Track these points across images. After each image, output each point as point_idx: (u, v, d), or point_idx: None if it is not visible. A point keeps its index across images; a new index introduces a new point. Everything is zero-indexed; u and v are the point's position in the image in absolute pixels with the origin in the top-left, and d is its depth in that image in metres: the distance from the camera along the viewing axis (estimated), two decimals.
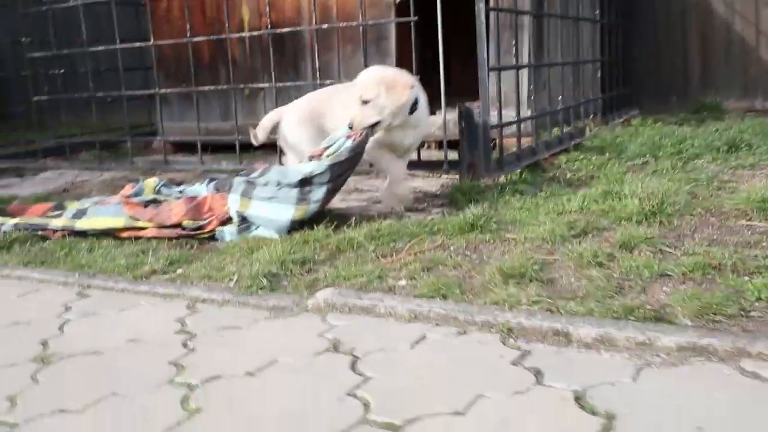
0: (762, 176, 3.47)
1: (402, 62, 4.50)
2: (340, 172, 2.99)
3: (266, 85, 4.82)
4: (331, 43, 5.39)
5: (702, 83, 6.45)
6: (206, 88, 5.09)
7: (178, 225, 3.01)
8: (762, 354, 1.59)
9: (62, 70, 6.34)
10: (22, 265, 2.80)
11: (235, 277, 2.43)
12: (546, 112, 4.42)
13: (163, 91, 5.47)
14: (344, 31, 5.36)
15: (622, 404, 1.43)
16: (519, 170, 3.79)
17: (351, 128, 2.98)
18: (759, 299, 1.99)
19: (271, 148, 4.39)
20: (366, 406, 1.46)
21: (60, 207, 3.42)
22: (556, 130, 4.55)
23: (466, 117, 3.38)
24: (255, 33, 5.08)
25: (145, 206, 3.20)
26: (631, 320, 1.83)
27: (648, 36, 6.60)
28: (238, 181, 3.00)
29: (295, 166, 3.06)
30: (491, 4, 4.17)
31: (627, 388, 1.51)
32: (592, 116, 5.12)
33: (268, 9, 4.56)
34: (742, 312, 1.90)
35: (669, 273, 2.22)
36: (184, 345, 1.89)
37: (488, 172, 3.45)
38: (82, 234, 3.12)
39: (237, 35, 5.21)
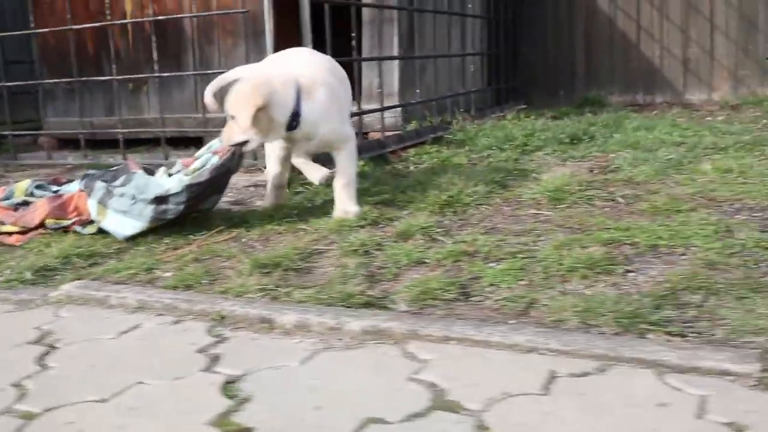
0: (577, 167, 3.58)
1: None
2: (200, 191, 2.74)
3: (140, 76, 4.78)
4: (212, 36, 5.40)
5: (587, 78, 6.60)
6: (90, 79, 5.04)
7: (42, 225, 2.89)
8: (429, 336, 1.65)
9: None
10: None
11: (8, 271, 2.43)
12: (393, 105, 4.48)
13: (46, 81, 5.40)
14: (224, 24, 5.37)
15: (269, 387, 1.47)
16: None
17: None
18: (491, 284, 2.06)
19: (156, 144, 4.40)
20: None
21: None
22: (414, 123, 4.62)
23: None
24: (138, 20, 5.05)
25: (15, 209, 3.00)
26: (342, 307, 1.88)
27: (537, 31, 6.72)
28: (99, 186, 2.80)
29: (157, 179, 2.82)
30: None
31: (288, 372, 1.55)
32: (463, 110, 5.20)
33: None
34: (462, 297, 1.97)
35: (426, 260, 2.29)
36: None
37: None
38: None
39: (119, 22, 5.15)
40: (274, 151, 2.93)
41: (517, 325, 1.69)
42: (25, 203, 3.01)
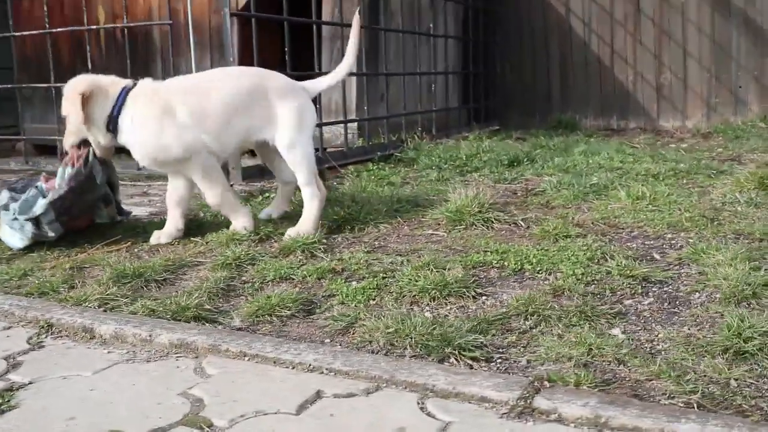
0: (502, 188, 3.56)
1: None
2: (67, 204, 2.67)
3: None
4: (180, 48, 5.47)
5: (562, 101, 6.57)
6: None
7: None
8: (228, 351, 1.65)
9: None
10: None
11: None
12: (335, 122, 4.50)
13: (22, 86, 5.51)
14: (193, 35, 5.44)
15: (45, 396, 1.48)
16: None
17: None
18: (342, 303, 2.06)
19: None
20: None
21: None
22: (361, 141, 4.63)
23: None
24: (110, 26, 5.15)
25: None
26: (169, 320, 1.89)
27: (514, 53, 6.71)
28: (2, 197, 2.80)
29: (40, 199, 2.72)
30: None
31: (74, 382, 1.56)
32: (420, 129, 5.20)
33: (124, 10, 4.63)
34: (301, 314, 1.97)
35: (292, 277, 2.29)
36: None
37: (243, 178, 3.52)
38: None
39: (93, 27, 5.26)
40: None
41: (314, 345, 1.69)
42: None
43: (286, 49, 3.93)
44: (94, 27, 4.95)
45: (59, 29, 5.15)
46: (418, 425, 1.31)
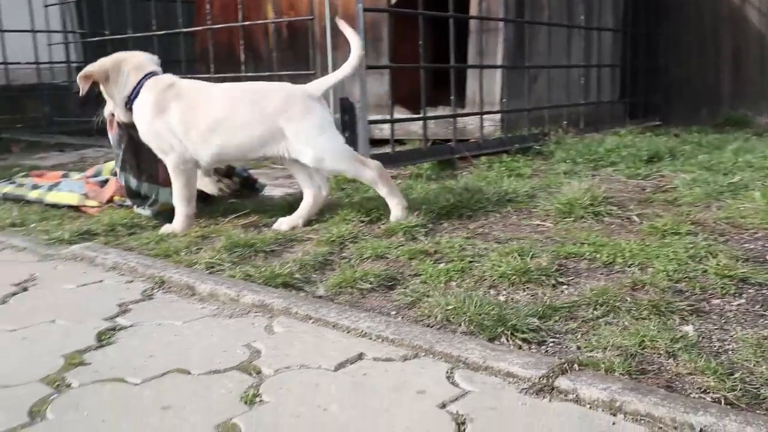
0: (633, 184, 3.45)
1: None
2: (135, 163, 3.01)
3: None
4: (338, 42, 5.79)
5: (733, 96, 6.14)
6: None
7: (111, 200, 3.45)
8: (297, 314, 1.82)
9: None
10: None
11: (59, 233, 2.91)
12: (466, 113, 4.54)
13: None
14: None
15: (138, 337, 1.74)
16: (423, 164, 4.01)
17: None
18: (424, 282, 2.16)
19: None
20: None
21: (66, 176, 3.97)
22: (498, 133, 4.66)
23: (348, 110, 3.65)
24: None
25: (101, 186, 3.64)
26: (261, 284, 2.10)
27: (679, 45, 6.37)
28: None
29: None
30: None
31: (166, 328, 1.80)
32: (566, 123, 5.11)
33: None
34: (380, 289, 2.10)
35: (387, 256, 2.43)
36: None
37: None
38: (54, 206, 3.47)
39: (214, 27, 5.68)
40: None
41: (373, 314, 1.80)
42: (107, 181, 3.54)
43: (420, 42, 4.05)
44: (243, 23, 5.33)
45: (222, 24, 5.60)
46: (437, 391, 1.39)
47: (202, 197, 3.19)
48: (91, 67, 2.87)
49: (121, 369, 1.56)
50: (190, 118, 2.75)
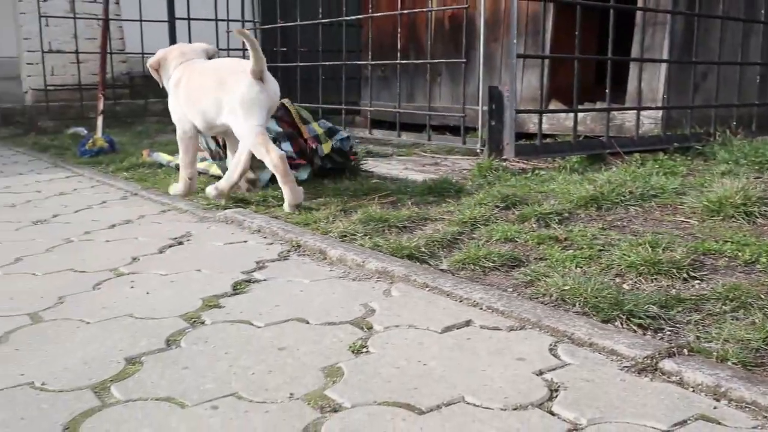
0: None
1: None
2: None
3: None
4: (498, 34, 5.84)
5: None
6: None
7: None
8: (415, 281, 1.89)
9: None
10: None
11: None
12: (618, 108, 4.36)
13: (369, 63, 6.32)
14: (509, 23, 5.78)
15: (268, 290, 1.89)
16: (571, 158, 3.94)
17: None
18: (549, 266, 2.17)
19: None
20: None
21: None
22: (656, 130, 4.47)
23: (496, 99, 3.66)
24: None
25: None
26: (387, 254, 2.19)
27: None
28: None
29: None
30: None
31: (295, 285, 1.95)
32: (735, 124, 4.79)
33: None
34: (502, 268, 2.13)
35: (516, 239, 2.45)
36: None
37: (516, 154, 3.69)
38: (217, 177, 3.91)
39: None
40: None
41: (488, 287, 1.83)
42: None
43: (576, 33, 3.97)
44: (402, 12, 5.44)
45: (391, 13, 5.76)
46: (536, 359, 1.41)
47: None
48: (151, 59, 3.30)
49: (249, 314, 1.71)
50: (186, 91, 3.10)
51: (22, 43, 6.93)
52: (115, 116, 6.58)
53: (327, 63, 6.03)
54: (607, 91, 4.21)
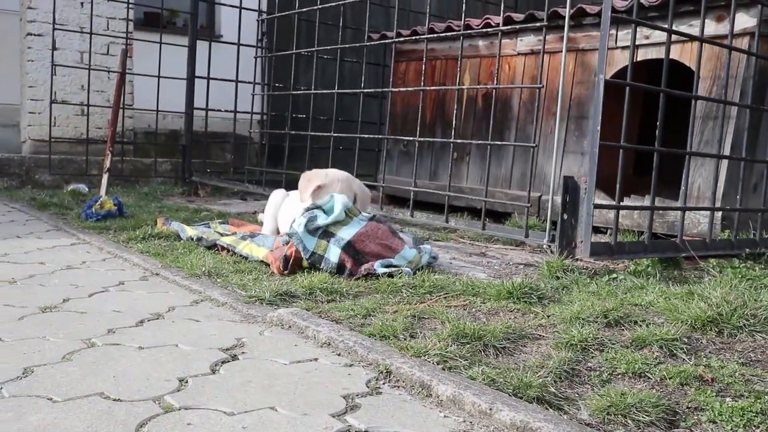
0: None
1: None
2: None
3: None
4: (534, 115, 5.49)
5: None
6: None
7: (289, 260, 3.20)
8: None
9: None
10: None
11: (258, 290, 2.69)
12: (684, 208, 3.98)
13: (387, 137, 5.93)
14: (548, 107, 5.45)
15: None
16: (641, 260, 3.52)
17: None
18: (711, 421, 1.71)
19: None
20: None
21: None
22: (727, 234, 4.07)
23: (571, 191, 3.25)
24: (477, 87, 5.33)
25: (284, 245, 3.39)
26: (510, 395, 1.71)
27: None
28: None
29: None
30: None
31: None
32: None
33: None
34: (662, 424, 1.66)
35: (648, 375, 1.99)
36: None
37: (591, 254, 3.25)
38: (245, 257, 3.34)
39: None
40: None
41: None
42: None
43: (624, 119, 3.59)
44: (465, 87, 5.11)
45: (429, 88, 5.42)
46: None
47: None
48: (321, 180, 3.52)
49: None
50: None
51: (26, 91, 6.48)
52: (118, 174, 6.09)
53: (342, 134, 5.62)
54: (683, 188, 3.82)
